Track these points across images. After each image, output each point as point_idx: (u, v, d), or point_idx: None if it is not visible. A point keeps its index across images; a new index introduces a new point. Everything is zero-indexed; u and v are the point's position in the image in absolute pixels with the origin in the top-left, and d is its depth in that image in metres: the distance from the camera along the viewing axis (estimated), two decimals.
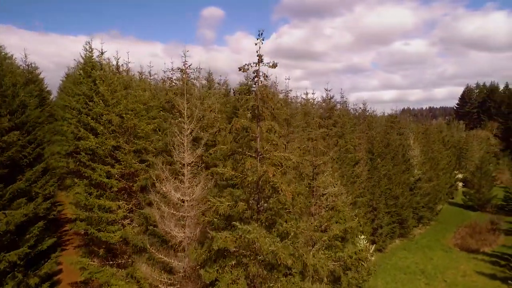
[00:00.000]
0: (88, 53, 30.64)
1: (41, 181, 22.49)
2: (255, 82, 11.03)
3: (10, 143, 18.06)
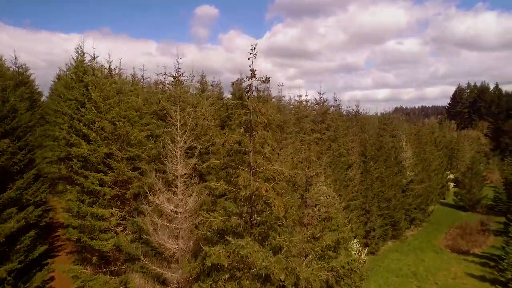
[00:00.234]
0: (80, 56, 30.32)
1: (32, 188, 22.22)
2: (248, 97, 11.04)
3: (0, 152, 17.82)
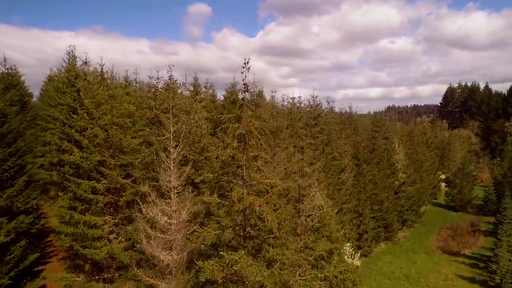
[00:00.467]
0: (71, 59, 30.01)
1: (23, 194, 21.97)
2: (242, 112, 11.07)
3: None
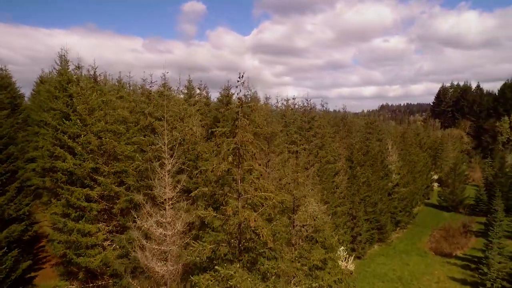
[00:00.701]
0: (63, 63, 29.65)
1: (15, 201, 21.73)
2: (237, 126, 11.07)
3: None
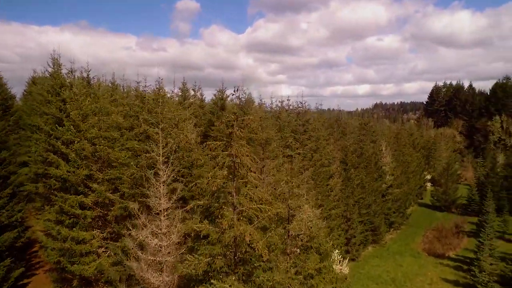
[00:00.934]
0: (56, 67, 29.26)
1: (7, 208, 21.51)
2: (232, 139, 11.08)
3: None
